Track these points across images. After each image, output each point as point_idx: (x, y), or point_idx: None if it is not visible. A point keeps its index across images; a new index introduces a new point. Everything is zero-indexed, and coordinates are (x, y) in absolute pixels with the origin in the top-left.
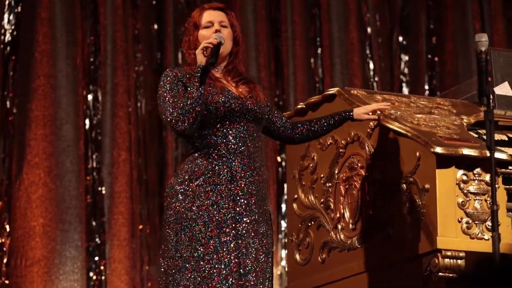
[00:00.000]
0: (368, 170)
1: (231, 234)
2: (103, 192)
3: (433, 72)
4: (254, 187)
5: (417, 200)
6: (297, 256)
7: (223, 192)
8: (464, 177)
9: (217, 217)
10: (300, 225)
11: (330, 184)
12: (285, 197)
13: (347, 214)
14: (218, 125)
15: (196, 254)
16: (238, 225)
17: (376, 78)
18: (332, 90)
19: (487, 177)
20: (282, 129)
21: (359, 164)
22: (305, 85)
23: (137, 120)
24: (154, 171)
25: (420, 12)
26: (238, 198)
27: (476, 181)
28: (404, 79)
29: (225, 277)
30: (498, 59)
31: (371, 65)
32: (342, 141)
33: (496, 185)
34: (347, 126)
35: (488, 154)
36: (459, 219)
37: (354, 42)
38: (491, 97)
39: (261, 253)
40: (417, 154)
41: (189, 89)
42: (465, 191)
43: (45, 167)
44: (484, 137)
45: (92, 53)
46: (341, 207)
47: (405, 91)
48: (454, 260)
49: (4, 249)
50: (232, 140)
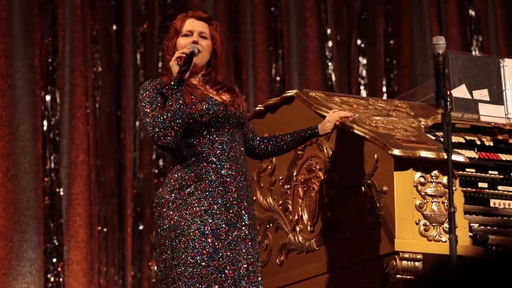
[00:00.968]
0: (327, 172)
1: (226, 242)
2: (61, 194)
3: (391, 75)
4: (243, 192)
5: (375, 202)
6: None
7: (216, 199)
8: (422, 179)
9: (211, 224)
10: (259, 227)
11: (289, 186)
12: None
13: (305, 216)
14: (204, 133)
15: (193, 261)
16: (231, 232)
17: (335, 80)
18: (291, 92)
19: (445, 179)
20: (250, 143)
21: (318, 166)
22: (265, 86)
23: (95, 121)
24: (112, 173)
25: (378, 16)
26: (230, 205)
27: (434, 183)
28: (362, 82)
29: (222, 284)
30: (456, 62)
31: (330, 68)
32: None
33: (453, 187)
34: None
35: (446, 157)
36: (417, 221)
37: (313, 44)
38: (449, 100)
39: (252, 258)
40: (375, 157)
41: (168, 102)
42: (423, 193)
43: (3, 168)
44: (442, 140)
45: (50, 54)
46: (300, 209)
47: (363, 94)
48: (412, 262)
49: None
50: (219, 147)
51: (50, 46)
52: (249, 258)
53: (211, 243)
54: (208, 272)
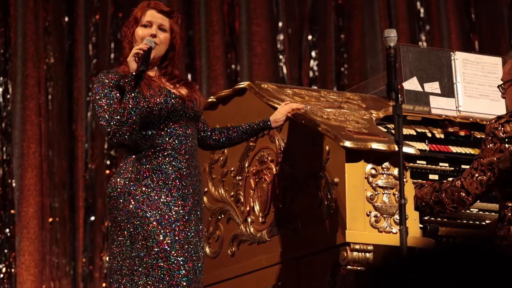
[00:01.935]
0: (278, 164)
1: (183, 233)
2: (13, 185)
3: (342, 69)
4: (197, 186)
5: (327, 194)
6: (207, 249)
7: (172, 192)
8: (373, 171)
9: (169, 216)
10: (210, 219)
11: (240, 178)
12: None
13: (257, 208)
14: (162, 126)
15: (153, 252)
16: (188, 224)
17: (286, 73)
18: (243, 84)
19: (396, 171)
20: (202, 134)
21: (269, 158)
22: (218, 77)
23: (47, 113)
24: (64, 164)
25: (329, 10)
26: (186, 198)
27: (385, 175)
28: (313, 76)
29: (186, 274)
30: (407, 55)
31: (282, 61)
32: None
33: (404, 179)
34: (257, 120)
35: (397, 149)
36: (368, 213)
37: (265, 37)
38: (400, 92)
39: (202, 250)
40: (327, 148)
41: (124, 99)
42: (374, 185)
43: None
44: (393, 132)
45: (2, 45)
46: (251, 201)
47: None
48: (363, 253)
49: None
50: (176, 140)
51: (2, 37)
52: (201, 250)
53: (170, 234)
54: (168, 263)
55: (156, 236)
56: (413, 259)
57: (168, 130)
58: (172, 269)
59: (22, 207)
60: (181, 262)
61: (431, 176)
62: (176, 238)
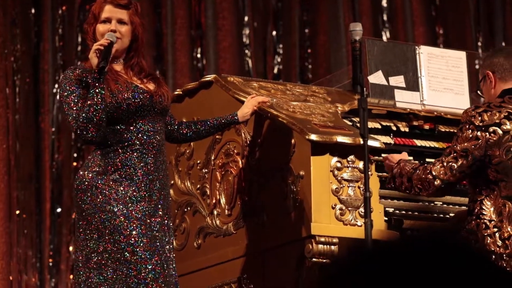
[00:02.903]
0: (244, 157)
1: (150, 227)
2: None
3: (306, 63)
4: (164, 181)
5: (292, 187)
6: (174, 243)
7: (139, 186)
8: (338, 164)
9: (136, 210)
10: (177, 211)
11: (207, 170)
12: None
13: (223, 200)
14: (130, 120)
15: (120, 246)
16: (154, 219)
17: (251, 67)
18: (209, 77)
19: (361, 164)
20: (170, 128)
21: (235, 151)
22: (185, 70)
23: (14, 105)
24: (31, 156)
25: (294, 4)
26: (153, 193)
27: (350, 168)
28: (278, 70)
29: (153, 268)
30: (372, 48)
31: (247, 55)
32: None
33: (369, 172)
34: (223, 113)
35: (362, 142)
36: (333, 206)
37: (231, 31)
38: (365, 86)
39: (168, 244)
40: (293, 141)
41: (89, 96)
42: (339, 178)
43: None
44: (358, 125)
45: None
46: (217, 193)
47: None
48: (328, 246)
49: None
50: (145, 135)
51: None
52: (167, 245)
53: (138, 227)
54: (135, 257)
55: (123, 231)
56: (378, 252)
57: (137, 126)
58: (139, 263)
59: None
60: (148, 256)
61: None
62: (143, 232)
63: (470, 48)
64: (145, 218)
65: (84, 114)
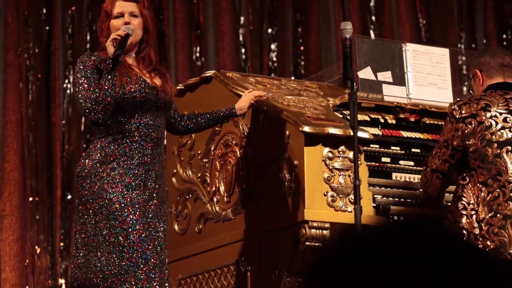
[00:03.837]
0: (242, 148)
1: (145, 213)
2: None
3: (299, 60)
4: (161, 171)
5: (287, 175)
6: (176, 227)
7: (136, 176)
8: (330, 154)
9: (131, 198)
10: (179, 198)
11: (207, 160)
12: None
13: (222, 188)
14: (133, 113)
15: (115, 231)
16: (148, 207)
17: (248, 64)
18: (209, 73)
19: (351, 154)
20: (173, 120)
21: (234, 142)
22: (185, 67)
23: (28, 99)
24: (43, 147)
25: (288, 5)
26: (149, 182)
27: (341, 158)
28: (273, 66)
29: (144, 252)
30: (362, 46)
31: (243, 52)
32: None
33: (359, 162)
34: (222, 106)
35: (352, 133)
36: (325, 193)
37: (229, 30)
38: (355, 81)
39: (163, 231)
40: (287, 133)
41: (102, 80)
42: (331, 167)
43: None
44: (348, 118)
45: None
46: (217, 181)
47: None
48: (320, 231)
49: None
50: (145, 129)
51: None
52: (163, 231)
53: (132, 214)
54: (128, 242)
55: (118, 216)
56: (366, 236)
57: (138, 118)
58: (131, 247)
59: (5, 187)
60: (140, 241)
61: (384, 159)
62: (136, 218)
63: (453, 45)
64: (140, 205)
65: (94, 96)
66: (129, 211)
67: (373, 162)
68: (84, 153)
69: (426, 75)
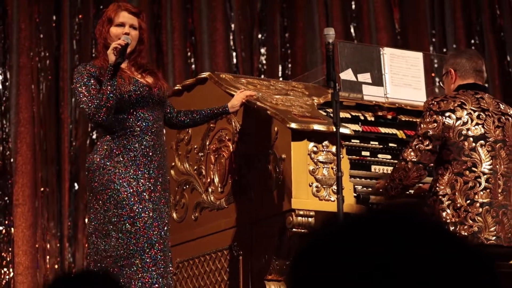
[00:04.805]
0: (234, 143)
1: (150, 201)
2: (11, 159)
3: (286, 63)
4: (162, 161)
5: (275, 168)
6: (174, 215)
7: (139, 167)
8: (315, 149)
9: (137, 187)
10: (177, 188)
11: (202, 154)
12: None
13: (216, 179)
14: (131, 110)
15: (123, 219)
16: (153, 194)
17: (240, 67)
18: (204, 74)
19: (333, 149)
20: (169, 116)
21: (227, 137)
22: (181, 71)
23: (39, 99)
24: (53, 142)
25: (275, 12)
26: (152, 172)
27: (324, 152)
28: (262, 68)
29: (150, 237)
30: (343, 50)
31: (235, 56)
32: None
33: (341, 155)
34: (216, 105)
35: (334, 129)
36: (310, 184)
37: (221, 36)
38: (337, 82)
39: (167, 217)
40: (275, 129)
41: (104, 85)
42: (315, 160)
43: None
44: (331, 115)
45: (1, 40)
46: (211, 173)
47: None
48: (306, 218)
49: None
50: (144, 122)
51: (1, 33)
52: (167, 217)
53: (138, 203)
54: (135, 228)
55: (125, 205)
56: (348, 223)
57: (137, 114)
58: (138, 233)
59: (18, 178)
60: (146, 227)
61: (364, 153)
62: (142, 206)
63: (426, 50)
64: (145, 194)
65: (97, 101)
66: (135, 200)
67: (354, 156)
68: (93, 150)
69: (402, 77)
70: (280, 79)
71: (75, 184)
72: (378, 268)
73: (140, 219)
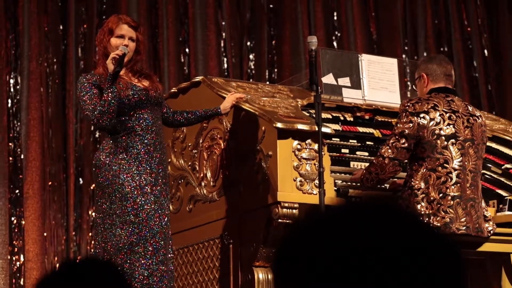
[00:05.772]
0: (225, 141)
1: (152, 194)
2: (22, 156)
3: (272, 68)
4: (163, 157)
5: (263, 164)
6: (171, 207)
7: (142, 163)
8: (299, 146)
9: (139, 182)
10: (173, 183)
11: (196, 151)
12: None
13: (209, 174)
14: (131, 112)
15: (127, 210)
16: (155, 188)
17: (230, 72)
18: (198, 78)
19: (316, 146)
20: (166, 115)
21: (218, 136)
22: (176, 76)
23: (47, 100)
24: (60, 140)
25: (263, 22)
26: (153, 167)
27: (308, 149)
28: (251, 73)
29: (152, 227)
30: (325, 56)
31: (226, 61)
32: None
33: (323, 153)
34: (209, 106)
35: (317, 129)
36: (294, 178)
37: (213, 44)
38: (319, 85)
39: (167, 208)
40: (263, 128)
41: (104, 93)
42: (299, 157)
43: None
44: (314, 116)
45: (13, 47)
46: (204, 169)
47: None
48: (290, 210)
49: None
50: (144, 123)
51: (14, 41)
52: (168, 208)
53: (141, 195)
54: (138, 219)
55: (130, 198)
56: (329, 214)
57: (137, 115)
58: (140, 224)
59: (28, 173)
60: (148, 218)
61: (343, 150)
62: (146, 199)
63: (399, 56)
64: (148, 187)
65: (100, 107)
66: (138, 193)
67: (335, 153)
68: (98, 148)
69: (378, 81)
70: (267, 83)
71: (80, 179)
72: (357, 255)
73: (143, 211)
